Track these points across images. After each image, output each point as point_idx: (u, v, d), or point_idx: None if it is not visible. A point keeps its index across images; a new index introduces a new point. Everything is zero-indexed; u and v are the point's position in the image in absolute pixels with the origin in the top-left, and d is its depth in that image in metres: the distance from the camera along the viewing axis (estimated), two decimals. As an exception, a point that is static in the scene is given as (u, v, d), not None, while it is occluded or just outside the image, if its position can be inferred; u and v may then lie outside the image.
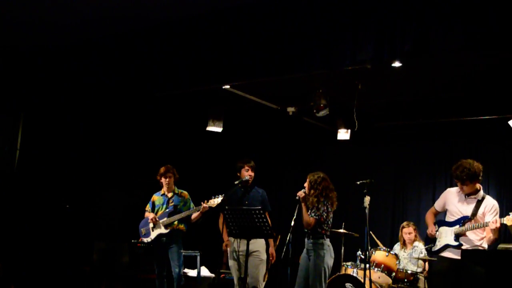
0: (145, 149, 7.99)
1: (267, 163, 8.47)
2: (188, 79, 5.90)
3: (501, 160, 7.82)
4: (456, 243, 5.06)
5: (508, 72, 5.99)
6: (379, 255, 6.82)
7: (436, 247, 5.23)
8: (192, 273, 7.41)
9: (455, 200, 5.20)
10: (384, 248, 6.97)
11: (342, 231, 7.01)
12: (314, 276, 5.50)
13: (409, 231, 7.33)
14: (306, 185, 5.69)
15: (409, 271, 6.80)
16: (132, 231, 6.80)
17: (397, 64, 5.36)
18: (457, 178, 5.06)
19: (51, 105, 7.06)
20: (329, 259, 5.57)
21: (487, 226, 4.92)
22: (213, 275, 7.62)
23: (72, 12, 5.68)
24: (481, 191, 5.12)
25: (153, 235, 6.53)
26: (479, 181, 5.06)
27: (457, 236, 5.09)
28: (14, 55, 6.82)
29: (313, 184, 5.65)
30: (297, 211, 5.63)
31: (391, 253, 6.86)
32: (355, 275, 6.60)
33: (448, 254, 5.13)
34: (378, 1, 4.66)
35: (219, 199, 6.17)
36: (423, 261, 6.95)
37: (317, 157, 8.99)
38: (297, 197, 5.63)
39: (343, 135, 7.93)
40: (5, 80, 6.92)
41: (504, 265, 4.40)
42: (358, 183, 6.07)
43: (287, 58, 5.17)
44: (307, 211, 5.62)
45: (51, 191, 7.05)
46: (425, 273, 6.89)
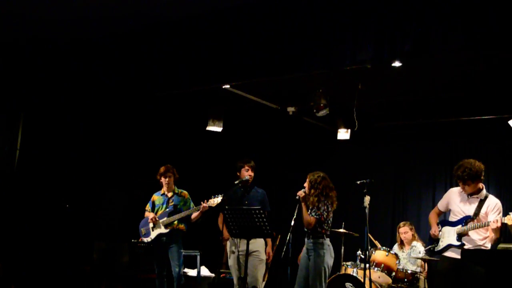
0: (145, 149, 7.98)
1: (267, 163, 8.46)
2: (188, 79, 5.90)
3: (501, 160, 7.81)
4: (458, 243, 5.06)
5: (508, 72, 5.99)
6: (379, 255, 6.82)
7: (439, 247, 5.24)
8: (192, 272, 7.42)
9: (458, 200, 5.20)
10: (384, 247, 6.97)
11: (342, 230, 7.01)
12: (314, 275, 5.49)
13: (405, 231, 7.33)
14: (306, 184, 5.69)
15: (409, 271, 6.80)
16: (132, 231, 6.80)
17: (397, 64, 5.36)
18: (458, 178, 5.06)
19: (51, 105, 7.05)
20: (329, 259, 5.57)
21: (488, 225, 4.92)
22: (213, 275, 7.62)
23: (72, 11, 5.68)
24: (484, 190, 5.11)
25: (153, 235, 6.53)
26: (481, 181, 5.06)
27: (460, 236, 5.08)
28: (14, 55, 6.82)
29: (314, 183, 5.65)
30: (297, 210, 5.62)
31: (391, 252, 6.86)
32: (355, 274, 6.60)
33: (450, 254, 5.13)
34: (378, 1, 4.67)
35: (219, 199, 6.18)
36: (423, 261, 6.95)
37: (317, 157, 8.98)
38: (297, 197, 5.62)
39: (343, 135, 7.93)
40: (5, 80, 6.92)
41: (504, 265, 4.40)
42: (358, 182, 6.07)
43: (287, 58, 5.17)
44: (307, 211, 5.63)
45: (51, 191, 7.04)
46: (425, 273, 6.90)
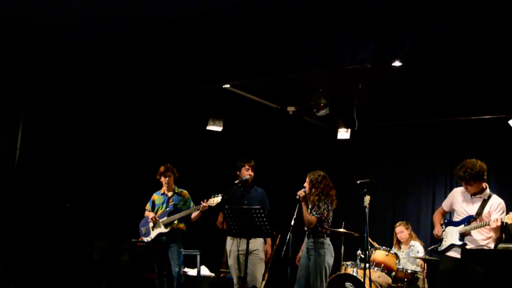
0: (145, 149, 7.98)
1: (267, 162, 8.46)
2: (188, 78, 5.91)
3: (501, 160, 7.80)
4: (460, 243, 5.07)
5: (508, 72, 5.99)
6: (379, 255, 6.82)
7: (442, 247, 5.25)
8: (192, 272, 7.42)
9: (461, 199, 5.20)
10: (384, 247, 6.97)
11: (342, 230, 7.01)
12: (315, 275, 5.49)
13: (400, 230, 7.34)
14: (306, 184, 5.68)
15: (408, 271, 6.80)
16: (132, 230, 6.80)
17: (397, 63, 5.36)
18: (460, 178, 5.06)
19: (51, 105, 7.05)
20: (330, 258, 5.57)
21: (488, 225, 4.92)
22: (213, 274, 7.63)
23: (72, 12, 5.67)
24: (487, 190, 5.11)
25: (153, 234, 6.54)
26: (484, 180, 5.05)
27: (462, 235, 5.09)
28: (14, 55, 6.81)
29: (314, 182, 5.64)
30: (297, 210, 5.62)
31: (391, 252, 6.86)
32: (355, 274, 6.60)
33: (452, 253, 5.14)
34: (378, 1, 4.67)
35: (219, 198, 6.19)
36: (422, 260, 6.95)
37: (317, 156, 8.98)
38: (297, 197, 5.62)
39: (343, 134, 7.93)
40: (5, 80, 6.92)
41: (503, 265, 4.40)
42: (358, 182, 6.08)
43: (287, 57, 5.17)
44: (307, 210, 5.62)
45: (51, 191, 7.04)
46: (424, 273, 6.89)
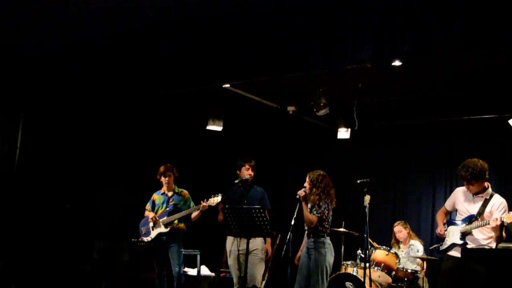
0: (145, 149, 7.98)
1: (267, 162, 8.45)
2: (188, 78, 5.90)
3: (502, 159, 7.80)
4: (461, 242, 5.08)
5: (508, 71, 5.99)
6: (379, 254, 6.82)
7: (444, 246, 5.26)
8: (192, 272, 7.43)
9: (463, 199, 5.21)
10: (384, 247, 6.98)
11: (342, 230, 7.01)
12: (316, 274, 5.48)
13: (399, 230, 7.35)
14: (306, 184, 5.68)
15: (409, 270, 6.81)
16: (132, 230, 6.80)
17: (397, 63, 5.36)
18: (462, 178, 5.06)
19: (51, 105, 7.05)
20: (330, 257, 5.57)
21: (488, 224, 4.92)
22: (213, 274, 7.64)
23: (72, 12, 5.67)
24: (489, 189, 5.11)
25: (153, 234, 6.54)
26: (486, 180, 5.05)
27: (463, 235, 5.09)
28: (14, 55, 6.81)
29: (315, 182, 5.63)
30: (297, 210, 5.61)
31: (391, 252, 6.86)
32: (355, 274, 6.61)
33: (454, 253, 5.15)
34: (378, 1, 4.67)
35: (219, 198, 6.19)
36: (421, 260, 6.96)
37: (317, 156, 8.97)
38: (298, 196, 5.61)
39: (343, 134, 7.93)
40: (5, 79, 6.92)
41: (503, 264, 4.40)
42: (358, 182, 6.09)
43: (287, 57, 5.17)
44: (307, 210, 5.62)
45: (51, 191, 7.04)
46: (423, 272, 6.90)
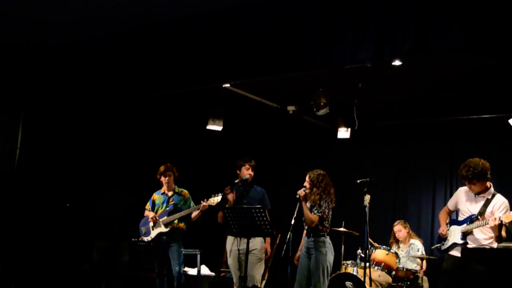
0: (145, 149, 7.98)
1: (267, 162, 8.45)
2: (188, 78, 5.90)
3: (501, 159, 7.80)
4: (461, 242, 5.08)
5: (508, 71, 6.00)
6: (379, 254, 6.83)
7: (445, 246, 5.26)
8: (192, 271, 7.44)
9: (464, 199, 5.20)
10: (384, 246, 6.98)
11: (342, 229, 7.01)
12: (317, 274, 5.48)
13: (398, 229, 7.36)
14: (306, 183, 5.67)
15: (409, 270, 6.81)
16: (132, 230, 6.80)
17: (397, 63, 5.36)
18: (463, 178, 5.05)
19: (51, 105, 7.06)
20: (331, 257, 5.58)
21: (487, 224, 4.92)
22: (213, 274, 7.65)
23: (72, 12, 5.67)
24: (491, 189, 5.10)
25: (153, 234, 6.54)
26: (487, 179, 5.04)
27: (464, 234, 5.09)
28: (14, 55, 6.82)
29: (315, 182, 5.63)
30: (297, 209, 5.61)
31: (391, 251, 6.87)
32: (355, 273, 6.61)
33: (455, 252, 5.15)
34: (378, 1, 4.67)
35: (219, 198, 6.18)
36: (420, 259, 6.96)
37: (317, 156, 8.97)
38: (298, 196, 5.61)
39: (343, 134, 7.93)
40: (5, 79, 6.92)
41: (503, 263, 4.41)
42: (358, 181, 6.09)
43: (287, 57, 5.17)
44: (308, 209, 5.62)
45: (51, 190, 7.04)
46: (422, 272, 6.90)
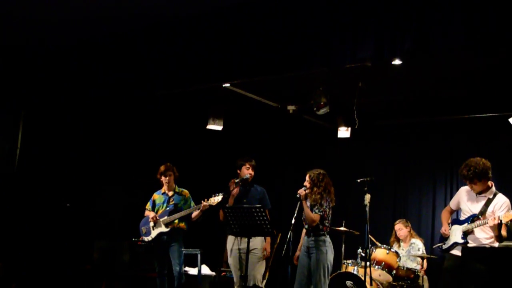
0: (145, 149, 7.98)
1: (267, 161, 8.45)
2: (188, 78, 5.90)
3: (502, 158, 7.79)
4: (462, 241, 5.08)
5: (508, 70, 6.00)
6: (380, 253, 6.83)
7: (446, 245, 5.26)
8: (193, 271, 7.44)
9: (466, 198, 5.19)
10: (384, 246, 6.99)
11: (342, 229, 7.01)
12: (317, 273, 5.48)
13: (399, 228, 7.36)
14: (306, 183, 5.67)
15: (409, 269, 6.81)
16: (132, 230, 6.80)
17: (397, 62, 5.36)
18: (464, 177, 5.04)
19: (52, 105, 7.06)
20: (331, 256, 5.58)
21: (487, 223, 4.92)
22: (214, 274, 7.65)
23: (72, 12, 5.67)
24: (493, 188, 5.08)
25: (153, 234, 6.54)
26: (489, 179, 5.03)
27: (465, 234, 5.09)
28: (14, 55, 6.82)
29: (316, 181, 5.62)
30: (297, 209, 5.61)
31: (392, 251, 6.87)
32: (355, 273, 6.61)
33: (456, 252, 5.15)
34: (378, 1, 4.66)
35: (219, 197, 6.19)
36: (420, 258, 6.96)
37: (317, 155, 8.97)
38: (298, 195, 5.60)
39: (344, 133, 7.94)
40: (5, 79, 6.93)
41: (503, 262, 4.41)
42: (358, 181, 6.09)
43: (287, 56, 5.17)
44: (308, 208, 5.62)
45: (52, 190, 7.05)
46: (422, 271, 6.90)
